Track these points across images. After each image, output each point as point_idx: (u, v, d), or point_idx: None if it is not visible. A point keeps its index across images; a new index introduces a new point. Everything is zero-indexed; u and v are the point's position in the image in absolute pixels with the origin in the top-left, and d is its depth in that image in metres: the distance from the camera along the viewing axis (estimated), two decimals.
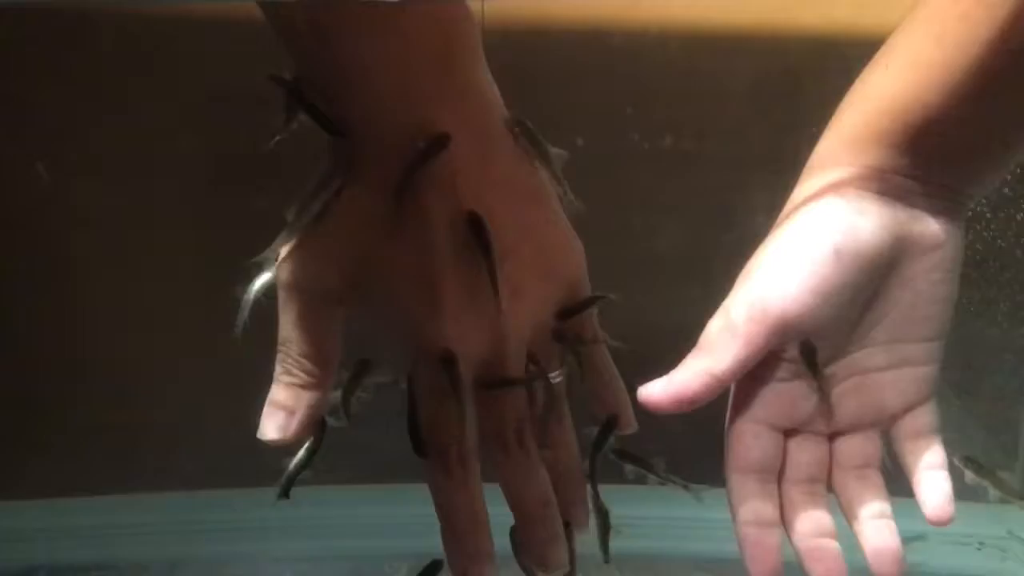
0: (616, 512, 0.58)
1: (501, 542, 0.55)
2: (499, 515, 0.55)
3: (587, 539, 0.58)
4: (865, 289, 0.56)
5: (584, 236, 0.56)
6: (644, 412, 0.56)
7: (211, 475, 0.98)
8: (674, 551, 0.94)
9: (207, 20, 0.81)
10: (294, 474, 0.55)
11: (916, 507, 0.96)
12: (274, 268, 0.52)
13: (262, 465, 0.92)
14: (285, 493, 0.55)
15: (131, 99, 0.89)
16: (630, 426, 0.58)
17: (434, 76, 0.49)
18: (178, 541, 0.98)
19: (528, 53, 0.81)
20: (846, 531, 0.59)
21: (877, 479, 0.59)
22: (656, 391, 0.54)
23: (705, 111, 0.90)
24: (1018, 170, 0.91)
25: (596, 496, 0.57)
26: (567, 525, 0.56)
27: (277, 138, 0.51)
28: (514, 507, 0.55)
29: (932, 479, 0.59)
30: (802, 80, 0.59)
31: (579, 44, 0.87)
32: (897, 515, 0.94)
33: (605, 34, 0.88)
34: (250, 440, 0.62)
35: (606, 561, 0.57)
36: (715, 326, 0.55)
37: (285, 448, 0.55)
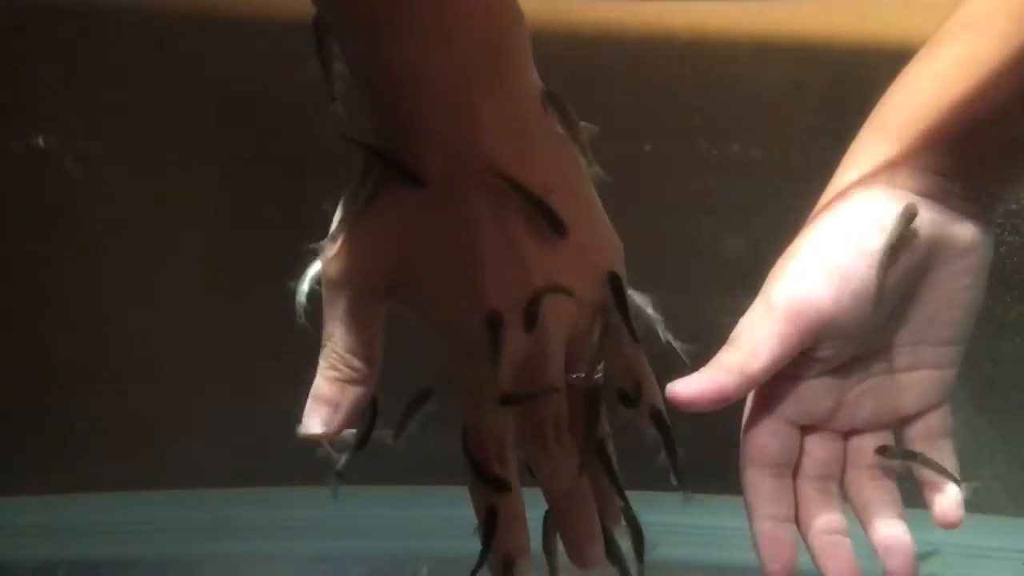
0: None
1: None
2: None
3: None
4: (897, 291, 0.56)
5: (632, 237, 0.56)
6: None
7: (233, 473, 0.98)
8: (682, 558, 0.94)
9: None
10: (352, 456, 0.55)
11: (931, 519, 0.97)
12: (321, 262, 0.53)
13: (284, 464, 0.93)
14: (339, 476, 0.56)
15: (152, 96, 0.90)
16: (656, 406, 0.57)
17: (481, 76, 0.49)
18: (198, 539, 0.98)
19: (588, 57, 0.81)
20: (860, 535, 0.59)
21: (889, 478, 0.59)
22: (687, 388, 0.54)
23: (771, 118, 0.90)
24: None
25: (624, 501, 0.56)
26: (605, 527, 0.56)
27: (365, 195, 0.52)
28: (552, 502, 0.55)
29: (944, 483, 0.59)
30: (868, 89, 0.59)
31: (638, 48, 0.87)
32: (913, 527, 0.96)
33: (668, 39, 0.88)
34: (272, 438, 0.63)
35: (640, 562, 0.57)
36: (749, 324, 0.55)
37: (317, 445, 0.55)
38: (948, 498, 0.59)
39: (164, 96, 0.92)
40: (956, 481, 0.59)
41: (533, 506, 0.55)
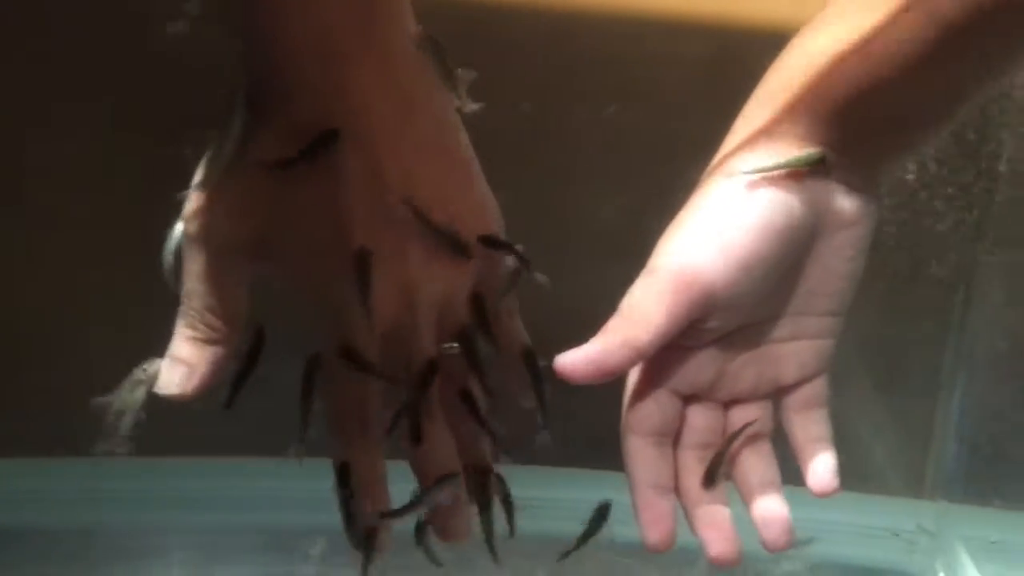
0: (532, 494, 0.58)
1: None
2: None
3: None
4: (786, 262, 0.56)
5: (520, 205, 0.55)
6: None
7: (126, 443, 0.95)
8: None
9: None
10: (231, 397, 0.54)
11: (829, 497, 1.00)
12: (183, 216, 0.51)
13: (179, 436, 0.91)
14: (229, 404, 0.54)
15: None
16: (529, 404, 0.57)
17: (354, 33, 0.48)
18: (90, 509, 0.96)
19: (465, 19, 0.80)
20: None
21: (768, 449, 0.59)
22: (575, 361, 0.53)
23: (649, 86, 0.90)
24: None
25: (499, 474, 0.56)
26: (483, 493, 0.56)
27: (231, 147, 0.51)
28: (418, 475, 0.54)
29: (819, 450, 0.59)
30: (750, 61, 0.59)
31: (517, 12, 0.87)
32: (810, 505, 0.98)
33: (548, 4, 0.88)
34: (166, 409, 0.61)
35: (511, 535, 0.57)
36: (637, 295, 0.55)
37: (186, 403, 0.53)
38: (822, 466, 0.59)
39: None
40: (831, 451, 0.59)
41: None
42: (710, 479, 0.57)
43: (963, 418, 1.00)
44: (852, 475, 1.01)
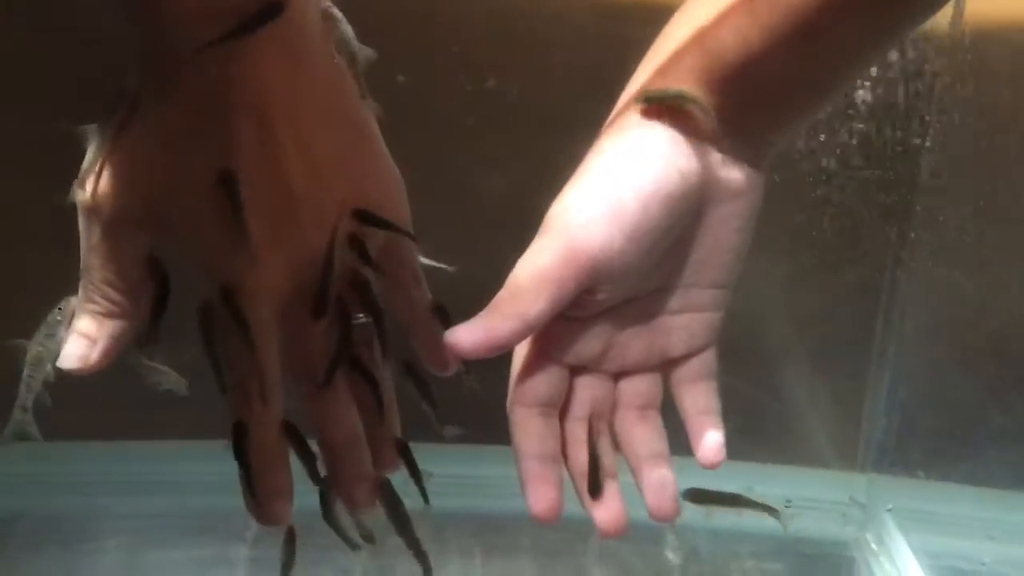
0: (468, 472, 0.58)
1: None
2: None
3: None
4: (671, 233, 0.56)
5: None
6: None
7: (56, 428, 0.94)
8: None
9: None
10: (143, 346, 0.53)
11: (763, 471, 1.01)
12: (75, 189, 0.50)
13: (110, 421, 0.89)
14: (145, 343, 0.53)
15: None
16: (447, 368, 0.57)
17: None
18: (18, 494, 0.95)
19: None
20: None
21: (657, 420, 0.60)
22: (465, 336, 0.53)
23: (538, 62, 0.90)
24: None
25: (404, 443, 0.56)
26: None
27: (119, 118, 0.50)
28: (322, 444, 0.54)
29: (707, 422, 0.60)
30: (632, 33, 0.59)
31: None
32: (745, 478, 0.99)
33: None
34: (95, 392, 0.60)
35: (426, 503, 0.57)
36: (527, 267, 0.54)
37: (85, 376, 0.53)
38: (710, 439, 0.59)
39: None
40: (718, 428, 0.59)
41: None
42: (595, 489, 0.57)
43: (892, 394, 1.03)
44: (787, 449, 1.05)
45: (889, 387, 1.02)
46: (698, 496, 0.57)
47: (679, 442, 0.60)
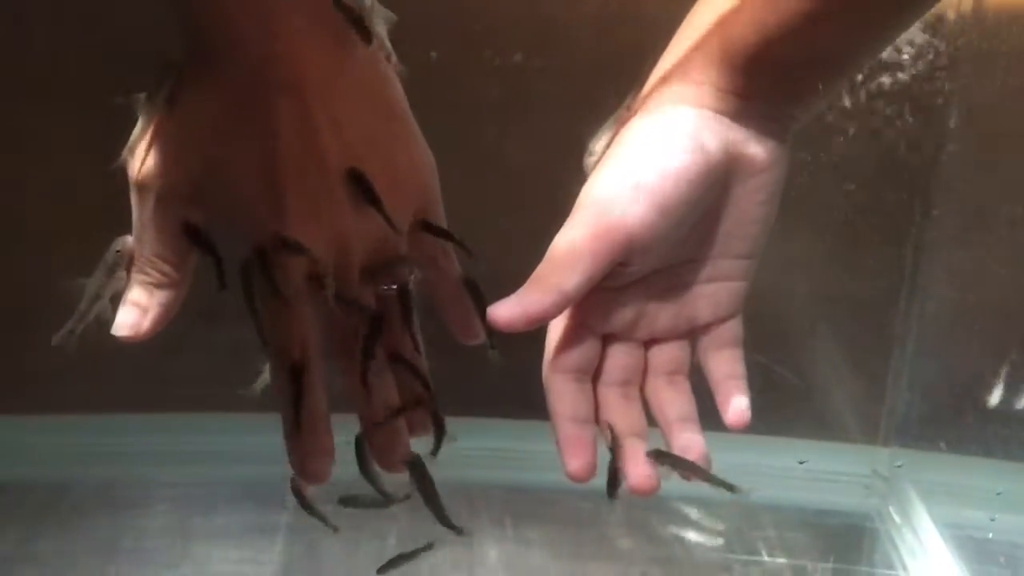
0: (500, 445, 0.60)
1: None
2: None
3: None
4: (699, 207, 0.58)
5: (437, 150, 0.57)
6: None
7: (106, 399, 0.97)
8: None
9: None
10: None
11: (786, 444, 1.03)
12: (127, 165, 0.53)
13: (154, 392, 0.93)
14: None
15: None
16: (477, 337, 0.59)
17: None
18: (69, 464, 0.98)
19: None
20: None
21: (685, 385, 0.62)
22: (506, 311, 0.55)
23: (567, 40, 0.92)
24: None
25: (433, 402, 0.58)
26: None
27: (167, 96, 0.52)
28: (359, 411, 0.57)
29: (732, 387, 0.62)
30: (657, 12, 0.61)
31: None
32: (771, 452, 1.01)
33: None
34: (146, 365, 0.63)
35: (433, 453, 0.59)
36: (563, 243, 0.56)
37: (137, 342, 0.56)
38: (736, 402, 0.61)
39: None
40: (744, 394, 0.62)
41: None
42: (613, 488, 0.59)
43: (915, 368, 1.04)
44: (812, 423, 1.06)
45: (912, 363, 1.04)
46: (660, 456, 0.59)
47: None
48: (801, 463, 1.04)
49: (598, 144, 0.59)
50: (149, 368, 0.63)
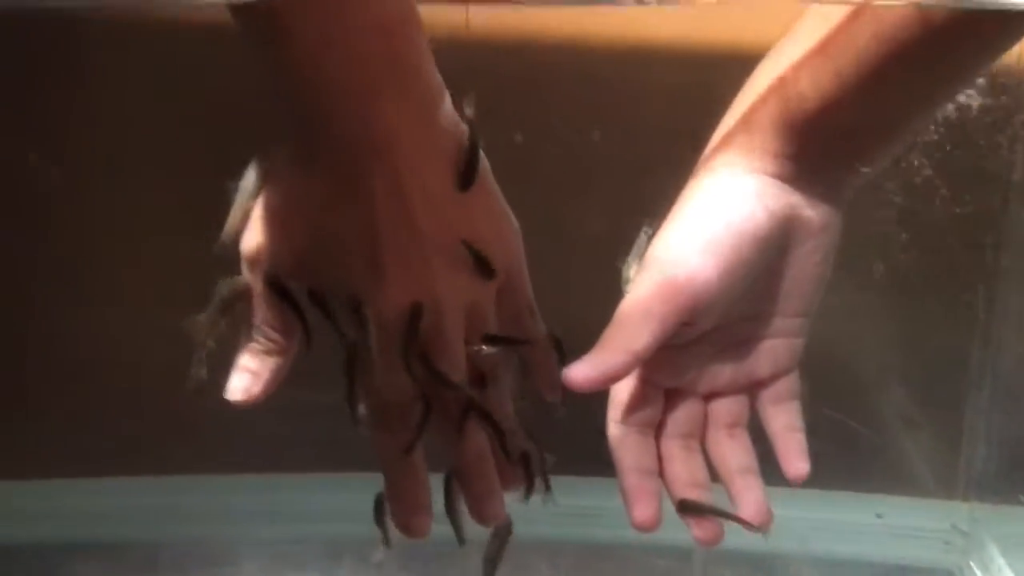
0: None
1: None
2: None
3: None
4: (759, 267, 0.60)
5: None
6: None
7: (196, 460, 1.01)
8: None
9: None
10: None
11: (863, 500, 1.02)
12: (239, 241, 0.57)
13: (246, 452, 0.96)
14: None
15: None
16: (560, 393, 0.61)
17: (379, 71, 0.52)
18: (160, 523, 1.01)
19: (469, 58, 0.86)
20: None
21: (745, 437, 0.64)
22: (580, 372, 0.58)
23: (632, 115, 0.95)
24: None
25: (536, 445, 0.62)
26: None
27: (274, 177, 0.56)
28: (454, 465, 0.60)
29: (792, 439, 0.64)
30: (718, 90, 0.64)
31: (513, 49, 0.92)
32: (848, 507, 1.01)
33: (539, 41, 0.93)
34: (232, 428, 0.66)
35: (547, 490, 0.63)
36: (632, 304, 0.59)
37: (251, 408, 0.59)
38: (795, 454, 0.63)
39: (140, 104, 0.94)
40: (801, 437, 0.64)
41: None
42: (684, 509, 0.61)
43: (991, 420, 1.03)
44: (887, 478, 1.05)
45: (987, 415, 1.03)
46: (685, 506, 0.61)
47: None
48: (879, 517, 1.04)
49: (631, 270, 0.62)
50: (240, 429, 0.66)
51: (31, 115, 0.93)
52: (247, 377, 0.59)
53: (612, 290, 0.61)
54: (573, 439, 0.64)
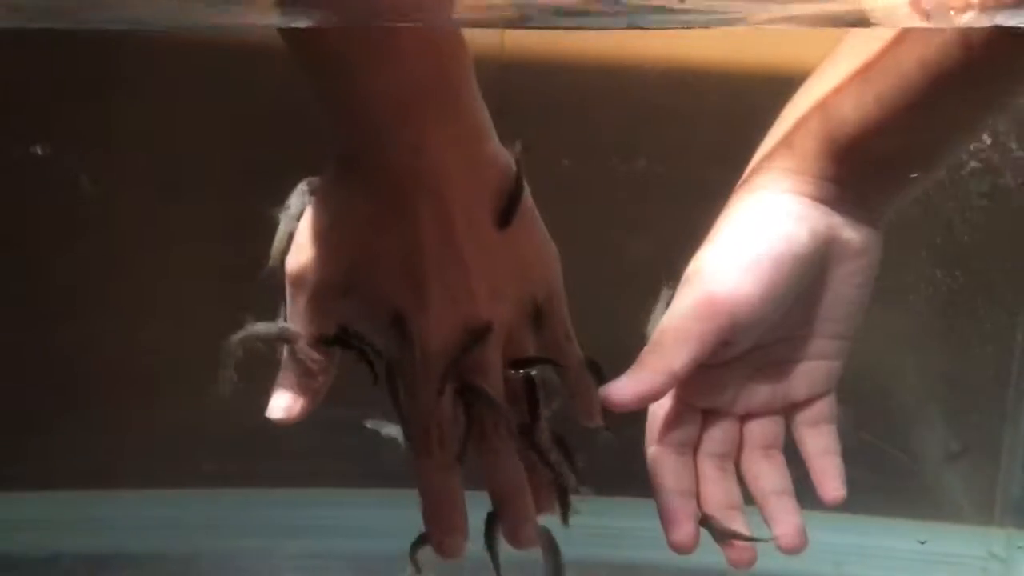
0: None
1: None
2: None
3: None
4: (798, 288, 0.60)
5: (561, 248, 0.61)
6: None
7: (228, 474, 1.02)
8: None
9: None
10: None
11: (899, 525, 1.01)
12: (284, 262, 0.58)
13: (282, 466, 0.97)
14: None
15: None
16: (598, 419, 0.62)
17: (426, 97, 0.53)
18: (194, 536, 1.03)
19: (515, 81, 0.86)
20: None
21: (780, 459, 0.64)
22: (618, 391, 0.58)
23: (677, 138, 0.96)
24: None
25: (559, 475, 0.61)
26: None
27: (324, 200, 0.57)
28: (490, 490, 0.59)
29: (827, 463, 0.63)
30: (760, 112, 0.64)
31: (558, 73, 0.93)
32: (887, 533, 1.00)
33: (583, 64, 0.94)
34: (268, 442, 0.67)
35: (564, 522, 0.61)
36: (670, 324, 0.59)
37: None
38: (831, 477, 0.63)
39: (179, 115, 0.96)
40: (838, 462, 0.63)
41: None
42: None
43: None
44: (922, 504, 1.04)
45: None
46: (707, 524, 0.61)
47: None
48: (922, 543, 1.03)
49: (653, 327, 0.61)
50: (276, 443, 0.67)
51: (83, 131, 0.95)
52: (288, 396, 0.60)
53: (642, 317, 0.61)
54: (597, 457, 0.64)
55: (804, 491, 0.64)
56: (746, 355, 0.62)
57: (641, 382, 0.58)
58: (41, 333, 1.00)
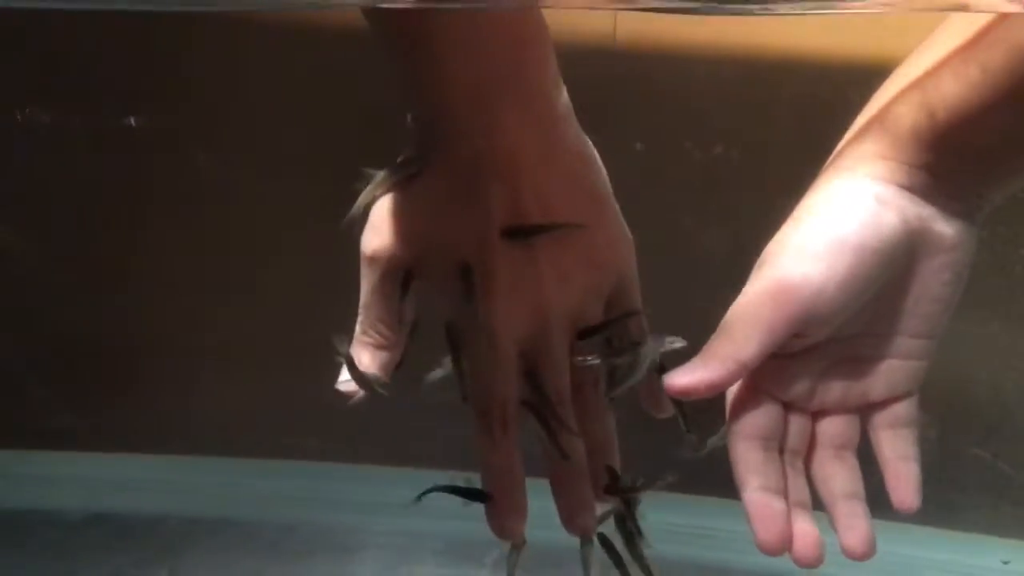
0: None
1: None
2: None
3: None
4: (880, 280, 0.57)
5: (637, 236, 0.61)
6: None
7: (322, 450, 1.06)
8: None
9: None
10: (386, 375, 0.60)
11: (984, 542, 0.99)
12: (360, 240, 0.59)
13: (377, 446, 1.00)
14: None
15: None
16: (666, 411, 0.61)
17: (503, 82, 0.54)
18: (294, 506, 1.08)
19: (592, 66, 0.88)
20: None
21: (853, 460, 0.60)
22: (683, 378, 0.55)
23: (755, 127, 0.96)
24: None
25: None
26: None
27: (401, 179, 0.59)
28: (550, 474, 0.59)
29: (903, 469, 0.60)
30: (842, 101, 0.62)
31: (635, 58, 0.94)
32: (973, 550, 0.98)
33: (659, 50, 0.95)
34: (367, 421, 0.69)
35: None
36: (740, 311, 0.57)
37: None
38: (906, 483, 0.60)
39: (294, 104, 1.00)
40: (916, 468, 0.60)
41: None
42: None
43: None
44: (1014, 522, 1.02)
45: None
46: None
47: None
48: (1005, 563, 1.01)
49: None
50: (374, 423, 0.70)
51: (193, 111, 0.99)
52: (357, 371, 0.61)
53: (727, 304, 0.58)
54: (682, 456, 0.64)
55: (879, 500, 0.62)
56: (822, 347, 0.59)
57: (706, 371, 0.55)
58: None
